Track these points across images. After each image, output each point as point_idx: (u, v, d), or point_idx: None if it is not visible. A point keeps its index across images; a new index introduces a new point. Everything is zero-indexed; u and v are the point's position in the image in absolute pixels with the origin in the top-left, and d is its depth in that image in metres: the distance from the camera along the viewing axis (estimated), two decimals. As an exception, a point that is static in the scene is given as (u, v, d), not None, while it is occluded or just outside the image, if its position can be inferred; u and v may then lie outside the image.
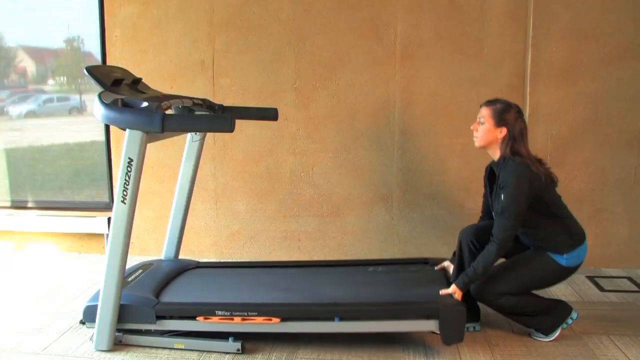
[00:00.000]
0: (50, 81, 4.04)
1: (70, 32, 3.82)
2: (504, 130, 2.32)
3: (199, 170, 3.00)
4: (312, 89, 3.48)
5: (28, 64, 4.02)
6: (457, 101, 3.37)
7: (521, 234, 2.49)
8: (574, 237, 2.39)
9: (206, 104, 2.81)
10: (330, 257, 3.64)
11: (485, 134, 2.36)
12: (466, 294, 2.53)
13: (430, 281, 2.58)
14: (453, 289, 2.35)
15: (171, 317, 2.39)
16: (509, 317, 2.52)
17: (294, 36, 3.46)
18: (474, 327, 2.58)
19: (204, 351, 2.39)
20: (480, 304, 2.60)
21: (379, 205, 3.54)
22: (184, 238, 3.07)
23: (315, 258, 3.65)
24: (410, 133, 3.45)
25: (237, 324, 2.35)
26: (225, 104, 3.01)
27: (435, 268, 2.76)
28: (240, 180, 3.62)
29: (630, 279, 3.28)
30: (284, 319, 2.33)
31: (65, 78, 4.04)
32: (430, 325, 2.31)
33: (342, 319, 2.31)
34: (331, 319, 2.32)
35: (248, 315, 2.33)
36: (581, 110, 3.34)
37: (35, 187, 4.01)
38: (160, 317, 2.38)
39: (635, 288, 3.13)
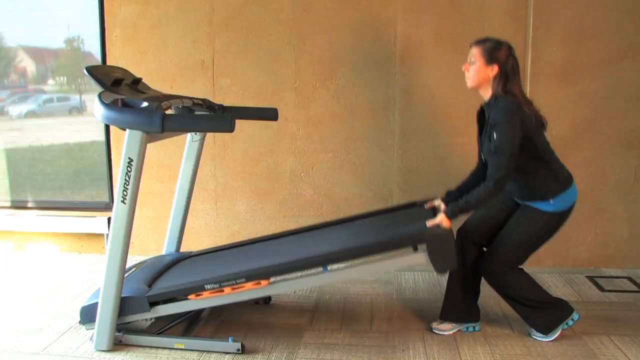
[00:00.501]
0: (50, 81, 4.04)
1: (70, 32, 3.82)
2: (495, 68, 2.27)
3: (199, 170, 3.00)
4: (312, 89, 3.48)
5: (28, 64, 4.02)
6: (457, 101, 3.37)
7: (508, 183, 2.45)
8: (560, 180, 2.34)
9: (206, 104, 2.81)
10: (330, 257, 3.64)
11: (477, 73, 2.31)
12: (465, 296, 2.54)
13: (418, 219, 2.47)
14: (441, 217, 2.27)
15: (164, 302, 2.40)
16: (508, 301, 2.48)
17: (294, 36, 3.46)
18: (473, 327, 2.58)
19: (204, 351, 2.39)
20: (479, 304, 2.61)
21: (379, 205, 3.53)
22: (184, 238, 3.07)
23: (315, 258, 3.65)
24: (410, 133, 3.45)
25: (228, 295, 2.34)
26: (225, 104, 3.01)
27: (426, 206, 2.64)
28: (240, 180, 3.62)
29: (630, 279, 3.28)
30: (272, 282, 2.32)
31: (65, 78, 4.04)
32: (419, 258, 2.24)
33: (329, 267, 2.28)
34: (319, 271, 2.30)
35: (237, 284, 2.31)
36: (581, 110, 3.34)
37: (35, 187, 4.01)
38: (153, 304, 2.39)
39: (635, 288, 3.13)
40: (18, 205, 4.01)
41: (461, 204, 2.27)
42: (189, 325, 2.66)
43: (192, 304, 2.39)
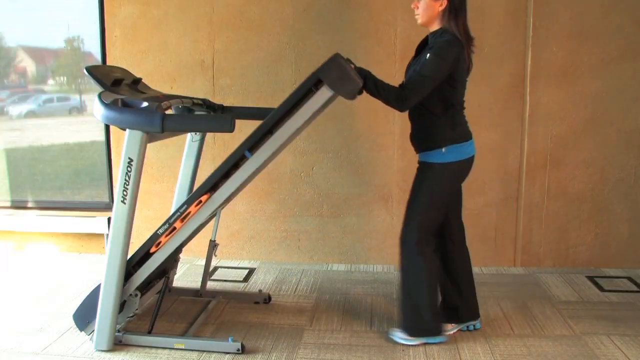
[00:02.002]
0: (50, 81, 4.04)
1: (70, 32, 3.82)
2: (444, 2, 2.28)
3: (199, 170, 3.00)
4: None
5: (28, 64, 4.02)
6: (457, 101, 3.36)
7: (411, 120, 2.47)
8: (457, 131, 2.35)
9: (206, 104, 2.81)
10: (330, 257, 3.64)
11: (426, 9, 2.32)
12: (460, 293, 2.54)
13: None
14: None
15: (134, 269, 2.41)
16: (401, 284, 2.46)
17: (294, 36, 3.45)
18: (474, 326, 2.58)
19: (204, 351, 2.39)
20: (479, 304, 2.61)
21: (379, 205, 3.54)
22: (184, 238, 3.07)
23: (315, 258, 3.65)
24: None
25: (182, 229, 2.35)
26: (225, 104, 3.01)
27: None
28: (240, 180, 3.62)
29: (630, 279, 3.28)
30: (211, 194, 2.32)
31: (65, 78, 4.03)
32: (324, 93, 2.20)
33: (250, 150, 2.28)
34: (243, 157, 2.29)
35: (182, 213, 2.34)
36: (581, 110, 3.34)
37: (35, 187, 4.01)
38: (126, 277, 2.39)
39: (635, 288, 3.13)
40: (18, 205, 4.01)
41: (374, 79, 2.31)
42: (189, 325, 2.66)
43: (159, 256, 2.39)
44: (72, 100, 4.04)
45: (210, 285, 3.21)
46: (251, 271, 3.50)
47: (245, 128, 3.50)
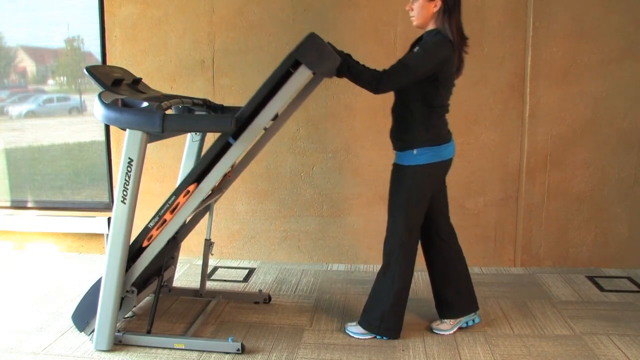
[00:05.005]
0: (50, 81, 4.04)
1: (70, 32, 3.82)
2: (439, 3, 2.27)
3: (199, 170, 3.00)
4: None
5: (28, 64, 4.02)
6: (457, 101, 3.33)
7: (392, 116, 2.45)
8: (431, 133, 2.33)
9: (206, 104, 2.81)
10: (331, 257, 3.64)
11: (421, 10, 2.30)
12: (455, 287, 2.54)
13: None
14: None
15: (128, 264, 2.41)
16: (377, 279, 2.51)
17: (294, 36, 3.45)
18: (473, 320, 2.58)
19: (204, 351, 2.39)
20: (479, 304, 2.61)
21: (379, 205, 3.54)
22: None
23: (316, 258, 3.65)
24: (410, 133, 3.45)
25: (172, 221, 2.35)
26: (225, 104, 3.01)
27: None
28: (240, 180, 3.62)
29: (630, 279, 3.28)
30: (199, 184, 2.33)
31: (65, 78, 4.03)
32: (303, 73, 2.16)
33: (234, 137, 2.27)
34: (227, 144, 2.29)
35: (171, 205, 2.34)
36: (581, 110, 3.34)
37: (35, 187, 4.01)
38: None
39: (635, 288, 3.13)
40: (18, 205, 4.01)
41: (351, 60, 2.28)
42: (189, 325, 2.66)
43: (151, 250, 2.39)
44: (72, 100, 4.03)
45: (210, 285, 3.22)
46: (251, 271, 3.50)
47: (245, 128, 3.52)
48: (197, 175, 2.34)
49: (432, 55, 2.23)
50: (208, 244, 2.91)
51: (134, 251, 2.41)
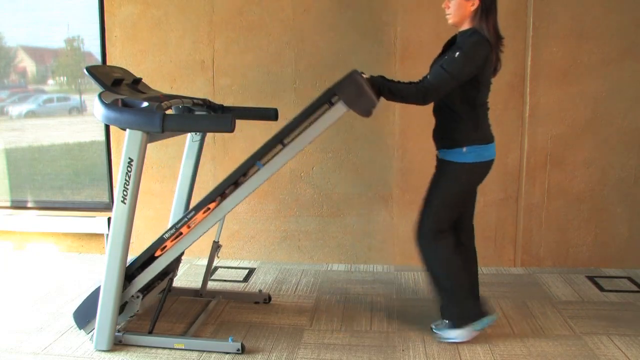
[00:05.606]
0: (50, 81, 4.04)
1: (70, 32, 3.82)
2: (476, 2, 2.26)
3: (199, 170, 3.00)
4: (312, 89, 3.47)
5: (28, 64, 4.02)
6: (457, 101, 3.37)
7: (435, 116, 2.46)
8: (479, 132, 2.35)
9: (206, 104, 2.81)
10: (330, 257, 3.64)
11: (458, 9, 2.30)
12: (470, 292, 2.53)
13: None
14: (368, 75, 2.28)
15: (137, 271, 2.42)
16: (429, 277, 2.48)
17: (294, 36, 3.45)
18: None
19: (204, 351, 2.39)
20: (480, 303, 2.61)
21: (379, 205, 3.54)
22: (184, 238, 3.07)
23: (316, 258, 3.65)
24: (410, 133, 3.45)
25: (188, 235, 2.36)
26: (225, 104, 3.01)
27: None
28: (240, 180, 3.62)
29: (630, 279, 3.28)
30: (219, 202, 2.33)
31: (65, 78, 4.03)
32: (339, 109, 2.21)
33: (262, 161, 2.29)
34: (255, 170, 2.30)
35: (189, 219, 2.34)
36: (581, 110, 3.34)
37: (35, 187, 4.01)
38: (129, 279, 2.40)
39: (635, 288, 3.13)
40: (18, 205, 4.01)
41: (388, 82, 2.30)
42: (189, 325, 2.66)
43: (163, 260, 2.40)
44: (72, 100, 4.04)
45: (210, 285, 3.21)
46: (251, 271, 3.50)
47: (245, 128, 3.52)
48: (219, 193, 2.34)
49: (473, 58, 2.23)
50: (215, 246, 2.91)
51: (146, 259, 2.41)
